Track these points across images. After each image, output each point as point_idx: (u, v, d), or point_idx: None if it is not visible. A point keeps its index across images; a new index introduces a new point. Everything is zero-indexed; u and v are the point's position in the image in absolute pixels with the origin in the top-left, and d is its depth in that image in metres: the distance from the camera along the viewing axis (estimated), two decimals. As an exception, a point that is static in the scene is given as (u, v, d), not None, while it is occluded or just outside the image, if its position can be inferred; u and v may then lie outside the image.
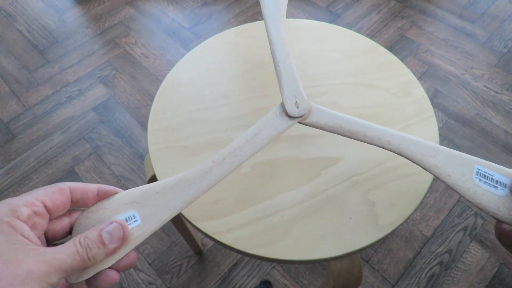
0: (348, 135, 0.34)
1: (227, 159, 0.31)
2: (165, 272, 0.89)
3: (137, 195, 0.29)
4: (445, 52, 1.30)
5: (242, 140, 0.32)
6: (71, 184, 0.27)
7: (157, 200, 0.29)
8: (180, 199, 0.29)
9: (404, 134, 0.34)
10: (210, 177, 0.30)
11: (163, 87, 0.49)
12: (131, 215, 0.28)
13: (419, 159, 0.32)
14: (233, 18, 1.44)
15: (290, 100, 0.34)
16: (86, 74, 1.28)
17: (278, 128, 0.33)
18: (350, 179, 0.41)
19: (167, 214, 0.28)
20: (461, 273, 0.88)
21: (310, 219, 0.38)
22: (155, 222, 0.28)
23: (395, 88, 0.49)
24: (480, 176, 0.31)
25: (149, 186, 0.29)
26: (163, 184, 0.29)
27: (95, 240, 0.25)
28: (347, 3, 1.48)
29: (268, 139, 0.32)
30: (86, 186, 0.28)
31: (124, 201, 0.28)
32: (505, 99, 1.17)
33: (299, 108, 0.34)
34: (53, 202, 0.26)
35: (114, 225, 0.26)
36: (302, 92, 0.35)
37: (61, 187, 0.27)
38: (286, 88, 0.35)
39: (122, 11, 1.48)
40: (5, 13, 1.49)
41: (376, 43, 0.54)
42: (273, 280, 0.87)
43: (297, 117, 0.34)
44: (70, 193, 0.27)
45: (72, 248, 0.24)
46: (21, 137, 1.13)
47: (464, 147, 1.07)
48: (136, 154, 1.09)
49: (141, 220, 0.28)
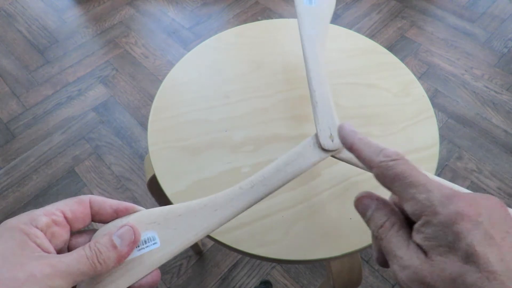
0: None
1: (255, 187, 0.29)
2: (165, 272, 0.89)
3: (158, 215, 0.27)
4: (445, 52, 1.30)
5: (273, 169, 0.30)
6: (92, 196, 0.27)
7: (179, 223, 0.27)
8: (204, 225, 0.27)
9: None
10: (236, 204, 0.28)
11: (163, 87, 0.49)
12: (150, 236, 0.26)
13: None
14: (233, 18, 1.44)
15: (325, 132, 0.33)
16: (86, 74, 1.28)
17: (310, 160, 0.31)
18: (350, 179, 0.41)
19: (189, 239, 0.27)
20: (461, 273, 0.88)
21: (310, 219, 0.38)
22: (176, 246, 0.26)
23: (395, 88, 0.49)
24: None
25: (171, 208, 0.28)
26: (186, 206, 0.28)
27: (106, 244, 0.24)
28: (347, 3, 1.48)
29: (299, 171, 0.31)
30: (104, 199, 0.27)
31: (144, 221, 0.27)
32: (505, 99, 1.17)
33: (333, 141, 0.32)
34: (73, 213, 0.25)
35: (125, 229, 0.25)
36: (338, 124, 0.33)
37: (81, 198, 0.26)
38: (321, 119, 0.34)
39: (122, 11, 1.48)
40: (5, 13, 1.49)
41: (376, 43, 0.54)
42: (273, 280, 0.87)
43: (331, 150, 0.32)
44: (90, 205, 0.26)
45: (80, 252, 0.23)
46: (21, 137, 1.13)
47: (464, 147, 1.07)
48: (136, 154, 1.09)
49: (160, 243, 0.26)
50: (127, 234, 0.25)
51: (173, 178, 0.41)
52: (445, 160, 1.06)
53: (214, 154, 0.43)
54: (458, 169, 1.04)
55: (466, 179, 1.02)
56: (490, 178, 1.02)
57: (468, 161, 1.05)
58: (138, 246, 0.26)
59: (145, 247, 0.26)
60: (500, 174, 1.02)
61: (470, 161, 1.05)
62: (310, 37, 0.41)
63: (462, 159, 1.05)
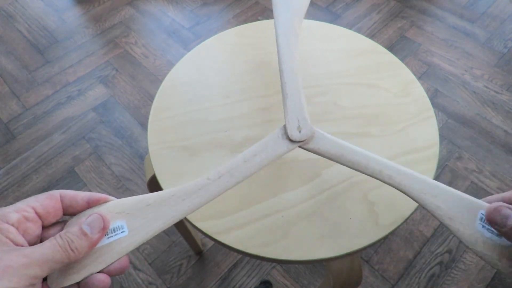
0: (350, 165, 0.33)
1: (222, 177, 0.30)
2: (165, 272, 0.89)
3: (128, 205, 0.28)
4: (445, 52, 1.30)
5: (240, 160, 0.31)
6: (62, 191, 0.28)
7: (148, 212, 0.28)
8: (172, 213, 0.28)
9: (407, 170, 0.32)
10: (203, 194, 0.30)
11: (163, 87, 0.49)
12: (119, 225, 0.28)
13: (420, 197, 0.31)
14: (233, 18, 1.44)
15: (293, 124, 0.34)
16: (86, 74, 1.28)
17: (277, 151, 0.32)
18: (350, 179, 0.41)
19: (156, 228, 0.28)
20: (461, 273, 0.88)
21: (310, 219, 0.38)
22: (143, 234, 0.27)
23: (395, 88, 0.49)
24: (483, 222, 0.28)
25: (142, 198, 0.29)
26: (156, 196, 0.29)
27: (76, 232, 0.25)
28: (347, 3, 1.48)
29: (266, 161, 0.32)
30: (76, 193, 0.28)
31: (114, 210, 0.28)
32: (505, 99, 1.17)
33: (301, 132, 0.33)
34: (44, 208, 0.26)
35: (93, 217, 0.26)
36: (306, 116, 0.34)
37: (51, 193, 0.27)
38: (290, 111, 0.35)
39: (122, 11, 1.48)
40: (5, 13, 1.49)
41: (376, 43, 0.54)
42: (273, 280, 0.87)
43: (298, 141, 0.33)
44: (60, 199, 0.28)
45: (53, 241, 0.24)
46: (21, 137, 1.13)
47: (464, 147, 1.07)
48: (136, 154, 1.09)
49: (128, 231, 0.27)
50: (96, 222, 0.26)
51: (173, 178, 0.41)
52: (445, 160, 1.06)
53: (214, 154, 0.43)
54: (458, 169, 1.04)
55: (466, 179, 1.02)
56: (490, 178, 1.02)
57: (468, 161, 1.05)
58: (107, 234, 0.27)
59: (114, 235, 0.27)
60: (500, 174, 1.02)
61: (470, 161, 1.05)
62: (284, 30, 0.41)
63: (462, 159, 1.05)
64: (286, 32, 0.41)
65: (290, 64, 0.38)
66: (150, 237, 0.28)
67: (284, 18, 0.42)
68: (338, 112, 0.46)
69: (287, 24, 0.42)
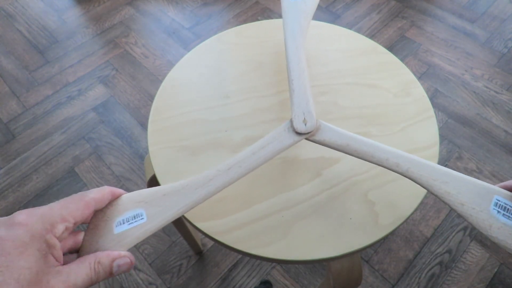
0: (355, 154, 0.34)
1: (231, 169, 0.32)
2: (165, 272, 0.89)
3: (146, 195, 0.31)
4: (445, 52, 1.30)
5: (249, 152, 0.33)
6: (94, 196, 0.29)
7: (164, 201, 0.31)
8: (185, 202, 0.31)
9: (414, 157, 0.32)
10: (214, 184, 0.32)
11: (163, 87, 0.49)
12: (139, 212, 0.30)
13: (430, 184, 0.31)
14: (233, 18, 1.44)
15: (299, 117, 0.35)
16: (86, 74, 1.28)
17: (284, 143, 0.34)
18: (350, 179, 0.41)
19: (171, 215, 0.30)
20: (461, 273, 0.88)
21: (310, 219, 0.38)
22: (160, 220, 0.30)
23: (395, 88, 0.49)
24: (498, 208, 0.28)
25: (159, 188, 0.32)
26: (171, 187, 0.31)
27: (106, 268, 0.27)
28: (347, 3, 1.48)
29: (273, 153, 0.33)
30: (102, 194, 0.30)
31: (135, 200, 0.31)
32: (505, 99, 1.17)
33: (306, 125, 0.35)
34: (82, 218, 0.28)
35: (125, 261, 0.28)
36: (312, 110, 0.36)
37: (88, 202, 0.28)
38: (296, 105, 0.36)
39: (122, 11, 1.48)
40: (5, 13, 1.49)
41: (376, 43, 0.54)
42: (273, 280, 0.87)
43: (304, 133, 0.34)
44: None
45: (87, 272, 0.26)
46: (21, 137, 1.13)
47: (464, 147, 1.07)
48: (136, 154, 1.09)
49: (147, 218, 0.30)
50: (125, 267, 0.28)
51: (173, 178, 0.41)
52: (445, 160, 1.06)
53: (214, 154, 0.43)
54: (458, 169, 1.04)
55: (466, 179, 1.02)
56: (490, 178, 1.02)
57: (468, 161, 1.05)
58: (129, 221, 0.30)
59: (134, 222, 0.30)
60: (500, 174, 1.02)
61: (470, 161, 1.05)
62: (293, 31, 0.43)
63: (462, 159, 1.05)
64: (294, 33, 0.43)
65: (298, 63, 0.40)
66: (166, 223, 0.30)
67: (293, 20, 0.44)
68: (338, 112, 0.46)
69: (295, 26, 0.43)
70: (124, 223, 0.30)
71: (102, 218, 0.30)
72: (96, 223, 0.30)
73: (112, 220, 0.30)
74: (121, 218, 0.30)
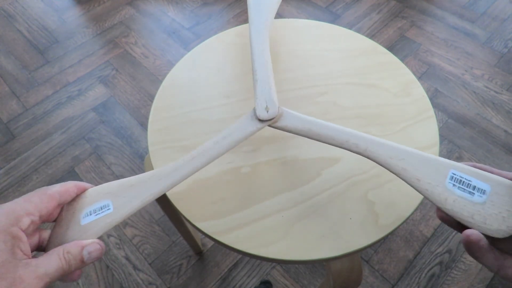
0: (317, 138, 0.34)
1: (195, 158, 0.33)
2: (165, 272, 0.89)
3: (113, 187, 0.32)
4: (445, 52, 1.30)
5: (212, 142, 0.34)
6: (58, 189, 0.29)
7: (130, 192, 0.32)
8: (150, 191, 0.32)
9: (373, 137, 0.33)
10: (178, 174, 0.33)
11: (163, 87, 0.49)
12: (106, 204, 0.31)
13: (387, 162, 0.31)
14: (233, 18, 1.44)
15: (261, 105, 0.36)
16: (86, 74, 1.28)
17: (247, 130, 0.35)
18: (350, 179, 0.41)
19: (137, 204, 0.31)
20: (461, 273, 0.88)
21: (310, 219, 0.38)
22: (126, 211, 0.31)
23: (395, 88, 0.49)
24: (454, 181, 0.29)
25: (126, 180, 0.33)
26: (137, 178, 0.33)
27: (76, 257, 0.27)
28: (347, 3, 1.48)
29: (236, 141, 0.35)
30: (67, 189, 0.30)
31: (103, 191, 0.32)
32: (505, 99, 1.17)
33: (268, 112, 0.36)
34: (47, 211, 0.28)
35: (95, 247, 0.28)
36: (274, 97, 0.37)
37: (51, 195, 0.28)
38: (259, 94, 0.37)
39: (122, 11, 1.48)
40: (5, 13, 1.49)
41: (376, 43, 0.54)
42: (273, 280, 0.87)
43: (266, 120, 0.36)
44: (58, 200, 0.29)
45: (58, 263, 0.26)
46: (21, 137, 1.13)
47: (464, 147, 1.07)
48: (136, 154, 1.09)
49: (113, 209, 0.31)
50: (96, 253, 0.28)
51: (173, 178, 0.41)
52: (445, 160, 1.06)
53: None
54: (458, 169, 1.04)
55: (466, 179, 1.02)
56: (490, 178, 1.01)
57: (468, 161, 1.05)
58: (95, 212, 0.31)
59: (101, 213, 0.31)
60: (500, 174, 1.02)
61: (470, 161, 1.05)
62: (258, 24, 0.45)
63: (462, 159, 1.05)
64: (259, 26, 0.45)
65: (261, 56, 0.41)
66: (132, 212, 0.31)
67: (257, 14, 0.47)
68: (338, 112, 0.46)
69: (260, 19, 0.46)
70: (91, 214, 0.30)
71: (69, 211, 0.31)
72: (63, 216, 0.31)
73: (79, 212, 0.31)
74: (88, 210, 0.31)
